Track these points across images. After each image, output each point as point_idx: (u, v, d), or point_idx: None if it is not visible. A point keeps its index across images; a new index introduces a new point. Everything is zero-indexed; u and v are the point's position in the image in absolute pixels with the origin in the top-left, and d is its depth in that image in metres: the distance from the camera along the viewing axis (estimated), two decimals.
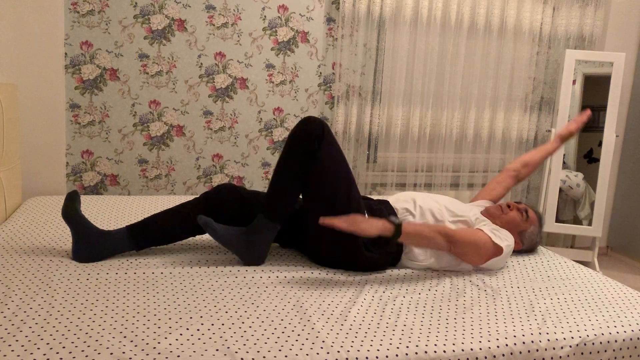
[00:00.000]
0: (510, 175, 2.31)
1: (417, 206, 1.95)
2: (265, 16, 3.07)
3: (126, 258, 1.78)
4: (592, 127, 3.56)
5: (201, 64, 3.01)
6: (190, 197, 2.70)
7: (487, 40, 3.43)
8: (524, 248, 2.14)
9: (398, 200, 2.01)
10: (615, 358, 1.48)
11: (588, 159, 3.59)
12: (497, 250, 1.88)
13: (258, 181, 3.22)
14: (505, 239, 1.91)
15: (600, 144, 3.47)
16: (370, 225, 1.62)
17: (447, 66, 3.37)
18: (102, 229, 1.77)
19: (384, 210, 1.93)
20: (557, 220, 3.50)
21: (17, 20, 2.61)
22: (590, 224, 3.49)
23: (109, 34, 2.85)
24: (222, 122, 3.10)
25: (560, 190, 3.51)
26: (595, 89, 3.52)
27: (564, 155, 3.49)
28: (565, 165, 3.56)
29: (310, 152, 1.77)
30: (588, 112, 2.24)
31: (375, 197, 2.33)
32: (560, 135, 2.27)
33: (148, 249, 1.87)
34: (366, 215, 1.83)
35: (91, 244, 1.73)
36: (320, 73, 3.23)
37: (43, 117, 2.76)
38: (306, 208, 1.87)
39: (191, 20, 2.96)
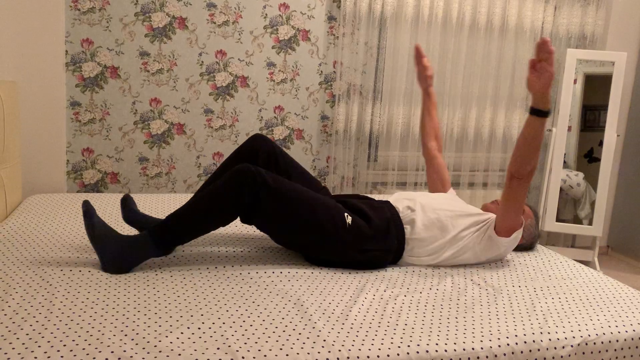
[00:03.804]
0: (435, 156, 2.29)
1: (417, 203, 1.95)
2: (266, 14, 3.07)
3: None
4: (593, 127, 3.56)
5: (202, 62, 3.01)
6: (190, 196, 2.69)
7: (488, 40, 3.42)
8: (524, 243, 2.16)
9: (398, 199, 2.01)
10: (617, 358, 1.48)
11: (588, 159, 3.59)
12: (520, 222, 1.91)
13: None
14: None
15: (600, 144, 3.46)
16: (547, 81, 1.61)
17: (448, 65, 3.36)
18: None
19: (385, 208, 1.93)
20: (558, 219, 3.50)
21: (17, 18, 2.61)
22: (590, 223, 3.48)
23: (109, 32, 2.84)
24: (223, 120, 3.10)
25: (561, 189, 3.51)
26: (596, 89, 3.52)
27: (565, 154, 3.49)
28: (565, 165, 3.56)
29: (243, 210, 1.67)
30: (417, 46, 2.23)
31: (376, 197, 2.34)
32: (425, 87, 2.30)
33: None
34: (347, 216, 1.80)
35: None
36: (321, 71, 3.22)
37: (43, 114, 2.75)
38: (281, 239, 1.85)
39: (192, 18, 2.95)
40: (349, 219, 1.80)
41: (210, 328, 1.31)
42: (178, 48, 2.96)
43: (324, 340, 1.29)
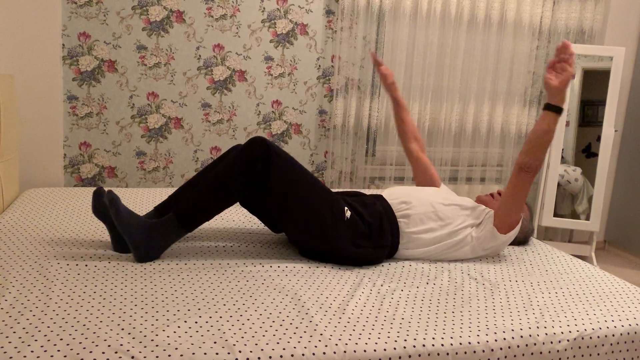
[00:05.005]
0: (419, 157, 2.30)
1: (412, 197, 1.95)
2: (264, 8, 3.06)
3: None
4: (591, 122, 3.56)
5: (199, 56, 3.00)
6: None
7: (486, 34, 3.42)
8: (519, 237, 2.17)
9: (392, 194, 2.00)
10: (612, 352, 1.48)
11: (586, 154, 3.59)
12: (519, 219, 1.96)
13: None
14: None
15: (598, 139, 3.47)
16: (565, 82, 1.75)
17: (447, 60, 3.36)
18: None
19: (377, 203, 1.92)
20: (555, 214, 3.51)
21: (14, 12, 2.59)
22: (588, 218, 3.49)
23: (106, 25, 2.83)
24: (221, 114, 3.09)
25: (559, 184, 3.52)
26: (594, 84, 3.52)
27: (562, 149, 3.49)
28: (563, 160, 3.56)
29: (256, 178, 1.72)
30: (372, 53, 2.31)
31: (368, 192, 2.33)
32: (390, 93, 2.30)
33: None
34: (347, 211, 1.81)
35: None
36: (319, 66, 3.21)
37: (41, 108, 2.74)
38: (279, 219, 1.84)
39: (190, 11, 2.94)
40: (348, 213, 1.80)
41: (207, 322, 1.31)
42: (175, 42, 2.95)
43: (321, 335, 1.29)
